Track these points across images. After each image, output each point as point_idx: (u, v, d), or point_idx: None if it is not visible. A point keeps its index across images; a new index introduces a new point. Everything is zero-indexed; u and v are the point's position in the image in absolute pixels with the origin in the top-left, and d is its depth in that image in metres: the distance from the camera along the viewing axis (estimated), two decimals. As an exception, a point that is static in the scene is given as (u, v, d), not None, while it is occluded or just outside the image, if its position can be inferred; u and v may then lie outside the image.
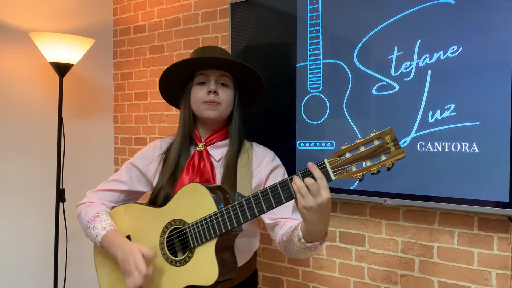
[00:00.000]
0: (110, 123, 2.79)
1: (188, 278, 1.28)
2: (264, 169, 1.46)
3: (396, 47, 1.64)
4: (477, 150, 1.50)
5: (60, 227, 2.28)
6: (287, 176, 1.16)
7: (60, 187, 2.28)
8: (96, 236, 1.40)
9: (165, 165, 1.48)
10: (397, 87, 1.64)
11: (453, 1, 1.53)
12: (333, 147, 1.79)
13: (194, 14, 2.38)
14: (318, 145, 1.83)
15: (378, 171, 1.08)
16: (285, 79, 1.91)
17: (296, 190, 1.12)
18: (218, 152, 1.48)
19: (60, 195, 2.27)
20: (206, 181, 1.41)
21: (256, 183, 1.44)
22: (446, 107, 1.55)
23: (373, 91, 1.69)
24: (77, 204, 1.54)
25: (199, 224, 1.27)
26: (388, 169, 1.07)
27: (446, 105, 1.55)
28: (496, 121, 1.46)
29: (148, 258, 1.28)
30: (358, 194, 1.75)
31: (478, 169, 1.50)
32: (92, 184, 1.59)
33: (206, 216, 1.26)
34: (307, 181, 1.10)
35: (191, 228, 1.28)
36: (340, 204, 1.92)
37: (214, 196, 1.27)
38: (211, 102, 1.43)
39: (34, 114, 2.38)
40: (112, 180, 1.56)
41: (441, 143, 1.56)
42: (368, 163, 1.08)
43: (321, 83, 1.81)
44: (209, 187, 1.29)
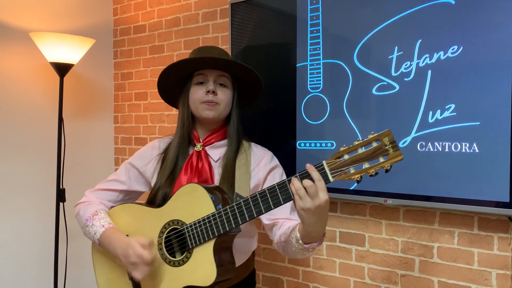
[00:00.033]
0: (110, 123, 2.79)
1: (186, 279, 1.28)
2: (262, 170, 1.46)
3: (396, 47, 1.63)
4: (477, 150, 1.50)
5: (60, 227, 2.28)
6: (285, 176, 1.16)
7: (60, 187, 2.28)
8: (95, 234, 1.40)
9: (164, 165, 1.48)
10: (397, 87, 1.64)
11: (453, 1, 1.52)
12: (333, 147, 1.79)
13: (194, 14, 2.38)
14: (318, 145, 1.83)
15: (376, 173, 1.08)
16: (285, 79, 1.90)
17: (294, 192, 1.12)
18: (217, 152, 1.48)
19: (60, 195, 2.27)
20: (205, 181, 1.41)
21: (254, 184, 1.44)
22: (446, 107, 1.54)
23: (373, 91, 1.69)
24: (76, 203, 1.54)
25: (198, 225, 1.27)
26: (386, 171, 1.08)
27: (446, 105, 1.54)
28: (496, 121, 1.46)
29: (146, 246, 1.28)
30: (358, 194, 1.75)
31: (478, 169, 1.49)
32: (92, 184, 1.59)
33: (205, 217, 1.26)
34: (305, 183, 1.10)
35: (190, 229, 1.28)
36: (341, 204, 1.91)
37: (212, 197, 1.27)
38: (210, 102, 1.43)
39: (34, 114, 2.38)
40: (111, 180, 1.56)
41: (441, 143, 1.56)
42: (366, 165, 1.08)
43: (321, 83, 1.81)
44: (207, 188, 1.29)
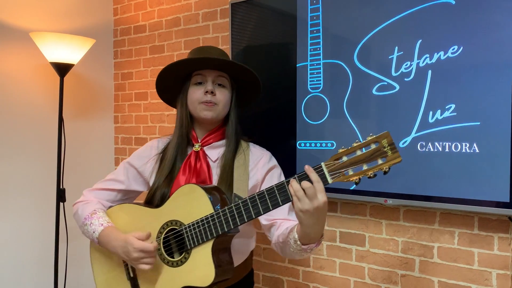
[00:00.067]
0: (111, 123, 2.79)
1: (185, 279, 1.28)
2: (261, 170, 1.45)
3: (397, 47, 1.63)
4: (478, 150, 1.49)
5: (61, 227, 2.28)
6: (284, 177, 1.16)
7: (61, 187, 2.28)
8: (94, 232, 1.40)
9: (162, 165, 1.48)
10: (398, 87, 1.63)
11: (454, 1, 1.52)
12: (334, 147, 1.78)
13: (195, 14, 2.37)
14: (319, 145, 1.82)
15: (375, 175, 1.08)
16: (286, 79, 1.90)
17: (293, 193, 1.12)
18: (215, 153, 1.48)
19: (61, 195, 2.27)
20: (203, 182, 1.41)
21: (253, 184, 1.44)
22: (447, 107, 1.54)
23: (374, 91, 1.68)
24: (74, 203, 1.54)
25: (196, 226, 1.26)
26: (385, 173, 1.07)
27: (447, 105, 1.54)
28: (496, 121, 1.45)
29: (144, 239, 1.30)
30: (359, 194, 1.74)
31: (479, 169, 1.49)
32: (92, 184, 1.58)
33: (203, 218, 1.26)
34: (304, 184, 1.10)
35: (188, 229, 1.28)
36: (341, 204, 1.91)
37: (211, 197, 1.27)
38: (208, 103, 1.42)
39: (35, 114, 2.38)
40: (109, 179, 1.56)
41: (442, 143, 1.56)
42: (365, 167, 1.08)
43: (322, 83, 1.81)
44: (206, 188, 1.29)
